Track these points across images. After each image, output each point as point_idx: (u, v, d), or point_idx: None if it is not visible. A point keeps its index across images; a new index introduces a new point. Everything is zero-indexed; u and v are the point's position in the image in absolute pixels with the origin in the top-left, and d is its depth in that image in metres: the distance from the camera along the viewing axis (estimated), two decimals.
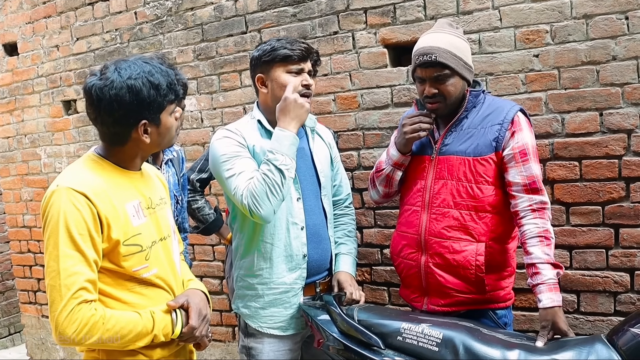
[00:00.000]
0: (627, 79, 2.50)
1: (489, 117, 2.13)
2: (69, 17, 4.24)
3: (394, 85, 3.03)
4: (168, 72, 1.71)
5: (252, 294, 2.25)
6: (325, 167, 2.36)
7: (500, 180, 2.12)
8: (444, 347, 1.84)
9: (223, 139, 2.18)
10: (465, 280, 2.11)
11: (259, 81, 2.24)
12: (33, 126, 4.60)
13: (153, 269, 1.74)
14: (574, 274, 2.68)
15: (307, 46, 2.21)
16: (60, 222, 1.56)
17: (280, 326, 2.24)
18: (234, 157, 2.12)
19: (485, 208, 2.11)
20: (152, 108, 1.67)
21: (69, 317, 1.53)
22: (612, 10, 2.50)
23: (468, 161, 2.11)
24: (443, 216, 2.14)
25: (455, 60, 2.09)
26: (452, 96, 2.13)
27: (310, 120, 2.37)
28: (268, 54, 2.18)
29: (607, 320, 2.63)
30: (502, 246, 2.15)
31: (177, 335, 1.73)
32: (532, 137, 2.13)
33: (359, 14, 3.08)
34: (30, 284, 4.87)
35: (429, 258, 2.16)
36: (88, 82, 1.65)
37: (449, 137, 2.18)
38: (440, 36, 2.13)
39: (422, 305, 2.22)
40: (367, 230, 3.19)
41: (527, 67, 2.68)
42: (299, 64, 2.18)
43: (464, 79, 2.13)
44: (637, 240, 2.54)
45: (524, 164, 2.07)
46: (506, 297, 2.20)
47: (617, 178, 2.55)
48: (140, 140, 1.70)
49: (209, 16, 3.58)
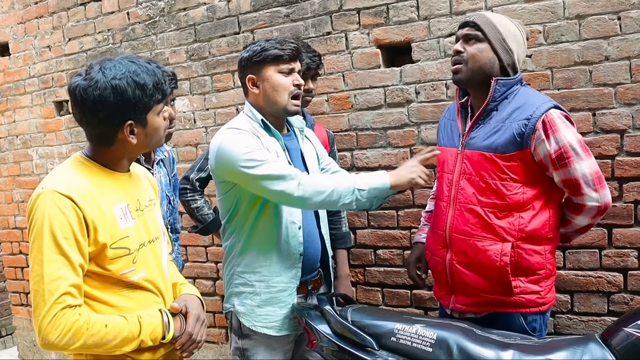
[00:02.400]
0: (620, 79, 2.50)
1: (517, 111, 2.02)
2: (61, 17, 4.22)
3: (387, 86, 3.02)
4: (155, 71, 1.68)
5: (250, 291, 2.24)
6: (315, 166, 2.37)
7: (532, 178, 2.02)
8: (438, 348, 1.84)
9: (237, 135, 2.13)
10: (489, 280, 2.06)
11: (250, 82, 2.23)
12: (25, 127, 4.58)
13: (141, 272, 1.72)
14: (567, 274, 2.68)
15: (296, 46, 2.21)
16: (44, 226, 1.54)
17: (274, 326, 2.23)
18: (258, 149, 2.09)
19: (512, 207, 2.02)
20: (138, 108, 1.64)
21: (52, 322, 1.52)
22: (604, 11, 2.50)
23: (492, 157, 2.02)
24: (468, 213, 2.08)
25: (492, 30, 2.03)
26: (476, 61, 2.04)
27: (298, 121, 2.38)
28: (259, 54, 2.18)
29: (600, 320, 2.64)
30: (534, 247, 2.04)
31: (168, 340, 1.72)
32: (572, 132, 1.99)
33: (352, 15, 3.08)
34: (22, 285, 4.83)
35: (454, 255, 2.12)
36: (72, 83, 1.63)
37: (476, 130, 2.10)
38: (495, 14, 2.14)
39: (449, 303, 2.19)
40: (361, 231, 3.19)
41: (521, 67, 2.65)
42: (289, 64, 2.18)
43: (496, 52, 2.04)
44: (630, 241, 2.55)
45: (562, 168, 1.98)
46: (539, 302, 2.07)
47: (610, 178, 2.55)
48: (127, 141, 1.67)
49: (201, 16, 3.57)
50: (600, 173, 2.02)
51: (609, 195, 2.03)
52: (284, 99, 2.19)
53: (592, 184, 1.99)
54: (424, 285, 2.55)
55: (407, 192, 3.00)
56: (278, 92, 2.18)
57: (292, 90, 2.19)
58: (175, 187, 2.87)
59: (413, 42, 2.93)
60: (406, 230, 3.06)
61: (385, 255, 3.14)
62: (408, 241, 3.06)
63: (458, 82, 2.13)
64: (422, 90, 2.93)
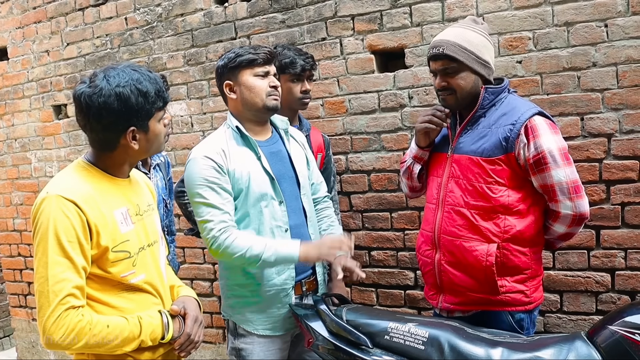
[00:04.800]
0: (607, 85, 2.56)
1: (503, 117, 2.08)
2: (59, 22, 4.26)
3: (381, 91, 3.08)
4: (156, 79, 1.74)
5: (243, 300, 2.28)
6: (303, 168, 2.40)
7: (517, 182, 2.07)
8: (430, 346, 1.89)
9: (201, 159, 2.19)
10: (476, 279, 2.11)
11: (227, 87, 2.28)
12: (23, 130, 4.62)
13: (140, 274, 1.77)
14: (556, 275, 2.74)
15: (270, 50, 2.27)
16: (49, 230, 1.59)
17: (272, 327, 2.27)
18: (211, 184, 2.16)
19: (497, 209, 2.07)
20: (140, 115, 1.69)
21: (56, 322, 1.56)
22: (592, 18, 2.56)
23: (479, 161, 2.08)
24: (455, 215, 2.13)
25: (465, 54, 2.07)
26: (463, 90, 2.10)
27: (282, 122, 2.41)
28: (234, 60, 2.23)
29: (589, 319, 2.69)
30: (520, 248, 2.09)
31: (167, 340, 1.77)
32: (554, 140, 2.03)
33: (347, 21, 3.13)
34: (20, 287, 4.87)
35: (442, 256, 2.18)
36: (77, 90, 1.68)
37: (464, 136, 2.16)
38: (455, 30, 2.14)
39: (438, 302, 2.24)
40: (355, 233, 3.23)
41: (511, 72, 2.74)
42: (264, 67, 2.24)
43: (476, 73, 2.09)
44: (617, 242, 2.61)
45: (539, 173, 2.04)
46: (524, 300, 2.12)
47: (597, 181, 2.61)
48: (129, 146, 1.72)
49: (198, 22, 3.62)
50: (579, 183, 2.06)
51: (585, 205, 2.07)
52: (262, 98, 2.23)
53: (568, 192, 2.03)
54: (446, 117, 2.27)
55: (400, 195, 3.06)
56: (255, 94, 2.23)
57: (269, 91, 2.24)
58: (171, 191, 2.93)
59: (406, 48, 2.99)
60: (400, 232, 3.11)
61: (380, 257, 3.19)
62: (402, 242, 3.11)
63: (450, 109, 2.19)
64: (415, 95, 2.99)
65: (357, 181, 3.21)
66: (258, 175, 2.22)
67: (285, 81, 2.67)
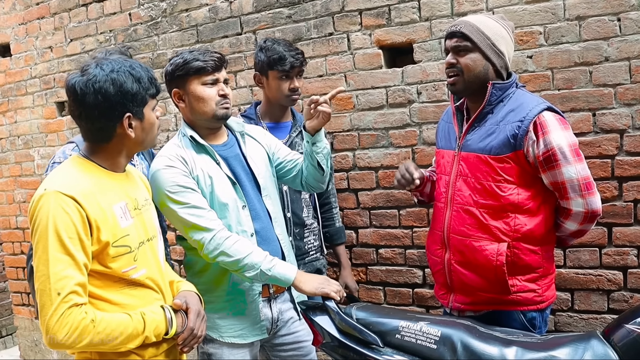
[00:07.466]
0: (620, 80, 2.53)
1: (511, 114, 2.03)
2: (62, 18, 4.23)
3: (389, 86, 3.04)
4: (148, 68, 1.77)
5: (211, 307, 2.20)
6: (262, 168, 2.34)
7: (527, 179, 2.04)
8: (442, 345, 1.86)
9: (166, 169, 2.13)
10: (487, 279, 2.08)
11: (176, 96, 2.22)
12: (26, 127, 4.59)
13: (142, 269, 1.75)
14: (567, 273, 2.71)
15: (220, 55, 2.21)
16: (49, 226, 1.57)
17: (240, 334, 2.24)
18: (186, 189, 2.11)
19: (507, 208, 2.04)
20: (136, 100, 1.70)
21: (59, 321, 1.54)
22: (604, 12, 2.53)
23: (487, 159, 2.04)
24: (464, 214, 2.11)
25: (480, 37, 2.03)
26: (470, 71, 2.05)
27: (238, 124, 2.36)
28: (181, 68, 2.16)
29: (600, 317, 2.66)
30: (531, 247, 2.06)
31: (171, 336, 1.76)
32: (564, 136, 1.99)
33: (354, 15, 3.10)
34: (23, 285, 4.84)
35: (452, 255, 2.15)
36: (70, 80, 1.67)
37: (472, 133, 2.12)
38: (477, 16, 2.13)
39: (448, 302, 2.22)
40: (363, 230, 3.21)
41: (521, 67, 2.71)
42: (213, 75, 2.17)
43: (488, 59, 2.05)
44: (629, 239, 2.58)
45: (550, 171, 2.00)
46: (536, 300, 2.10)
47: (610, 177, 2.58)
48: (125, 135, 1.72)
49: (203, 17, 3.59)
50: (591, 179, 2.02)
51: (597, 202, 2.03)
52: (212, 108, 2.17)
53: (579, 189, 2.00)
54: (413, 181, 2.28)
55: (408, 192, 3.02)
56: (204, 104, 2.17)
57: (218, 100, 2.17)
58: None
59: (415, 42, 2.96)
60: (408, 230, 3.08)
61: (387, 255, 3.16)
62: (410, 240, 3.08)
63: (456, 92, 2.16)
64: (423, 90, 2.96)
65: (365, 178, 3.17)
66: (220, 181, 2.19)
67: (274, 78, 2.65)
